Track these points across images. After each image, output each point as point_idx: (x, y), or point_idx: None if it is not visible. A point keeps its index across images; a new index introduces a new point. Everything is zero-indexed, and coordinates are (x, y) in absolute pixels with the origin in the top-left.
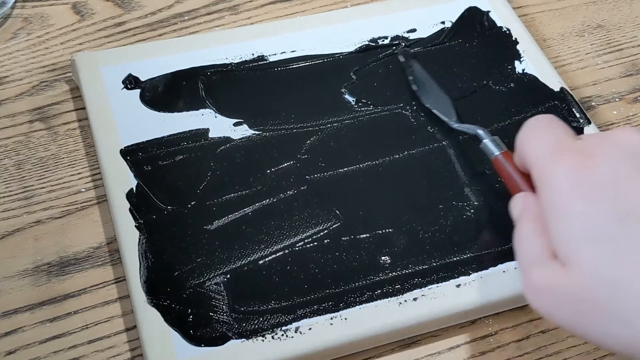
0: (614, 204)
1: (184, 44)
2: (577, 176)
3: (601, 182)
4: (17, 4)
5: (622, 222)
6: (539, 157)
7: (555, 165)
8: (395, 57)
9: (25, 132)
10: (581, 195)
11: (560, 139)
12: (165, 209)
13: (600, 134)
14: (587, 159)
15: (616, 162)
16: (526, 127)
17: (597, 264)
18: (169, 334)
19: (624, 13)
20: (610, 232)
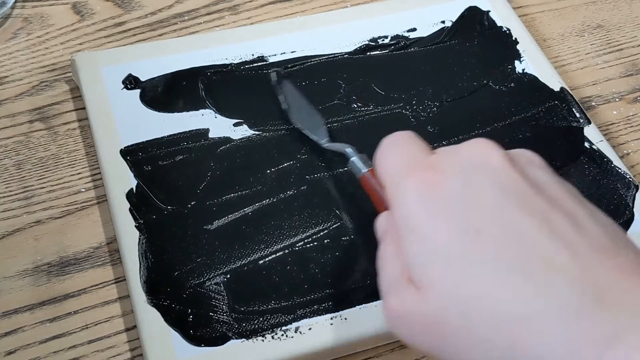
0: (464, 221)
1: (184, 44)
2: (427, 194)
3: (451, 199)
4: (17, 4)
5: (472, 240)
6: (392, 175)
7: (405, 183)
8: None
9: (25, 132)
10: (432, 214)
11: (413, 156)
12: (165, 209)
13: (452, 148)
14: (437, 175)
15: (466, 177)
16: (381, 146)
17: (449, 285)
18: (169, 334)
19: (624, 13)
20: (460, 251)
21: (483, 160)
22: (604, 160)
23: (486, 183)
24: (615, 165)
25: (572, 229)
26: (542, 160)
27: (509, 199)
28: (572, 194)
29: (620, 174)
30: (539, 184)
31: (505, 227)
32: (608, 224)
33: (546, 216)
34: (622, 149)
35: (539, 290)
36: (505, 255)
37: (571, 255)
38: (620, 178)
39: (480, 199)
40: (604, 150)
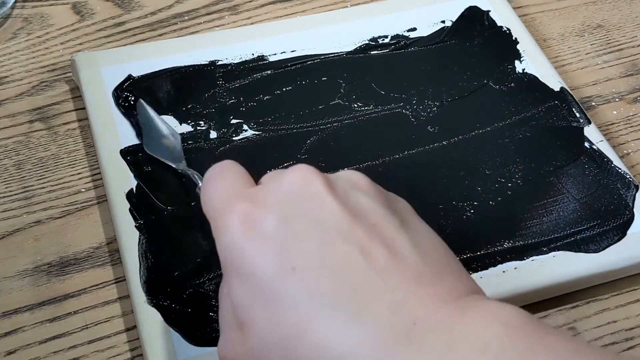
0: (281, 258)
1: (184, 44)
2: (246, 231)
3: (269, 236)
4: (17, 4)
5: (288, 278)
6: (213, 213)
7: (225, 220)
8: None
9: (25, 132)
10: (250, 253)
11: (232, 190)
12: (165, 209)
13: (275, 177)
14: (257, 209)
15: (284, 211)
16: (204, 181)
17: (269, 326)
18: (169, 334)
19: (624, 13)
20: (278, 290)
21: (302, 190)
22: (604, 160)
23: (303, 217)
24: (615, 165)
25: (388, 259)
26: (367, 182)
27: (325, 233)
28: (394, 219)
29: (620, 174)
30: (360, 210)
31: (320, 262)
32: (430, 248)
33: (362, 247)
34: (622, 149)
35: (350, 329)
36: (319, 292)
37: (384, 288)
38: (620, 178)
39: (297, 235)
40: (604, 150)
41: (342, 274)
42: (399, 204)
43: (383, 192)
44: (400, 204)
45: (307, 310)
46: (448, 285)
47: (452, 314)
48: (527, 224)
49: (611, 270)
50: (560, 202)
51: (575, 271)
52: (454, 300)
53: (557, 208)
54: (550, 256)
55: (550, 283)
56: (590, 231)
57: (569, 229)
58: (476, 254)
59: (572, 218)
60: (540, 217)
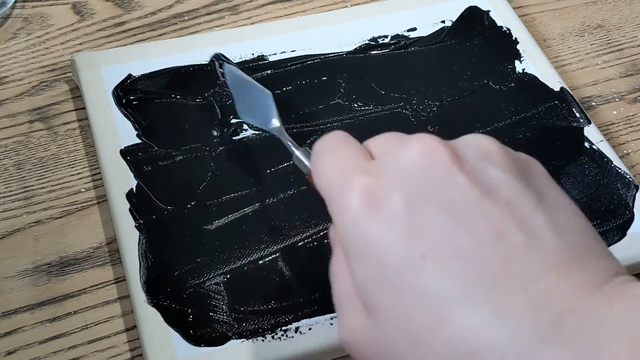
0: (409, 243)
1: (184, 44)
2: (368, 210)
3: (394, 217)
4: (17, 4)
5: (417, 266)
6: (330, 188)
7: (344, 197)
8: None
9: (25, 132)
10: (374, 234)
11: (349, 163)
12: (165, 209)
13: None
14: (378, 185)
15: (408, 191)
16: (314, 153)
17: (396, 315)
18: (169, 334)
19: (624, 13)
20: (405, 279)
21: (427, 166)
22: (604, 160)
23: (430, 199)
24: (615, 165)
25: (525, 245)
26: (499, 149)
27: (455, 216)
28: (530, 194)
29: (620, 174)
30: (491, 185)
31: (451, 249)
32: (570, 227)
33: (497, 230)
34: (622, 149)
35: (488, 323)
36: (451, 284)
37: (524, 278)
38: (620, 178)
39: (424, 217)
40: (604, 150)
41: (475, 262)
42: (534, 169)
43: (515, 157)
44: (536, 168)
45: (440, 302)
46: (592, 270)
47: (599, 305)
48: None
49: None
50: None
51: None
52: (600, 288)
53: None
54: None
55: None
56: None
57: None
58: None
59: None
60: None
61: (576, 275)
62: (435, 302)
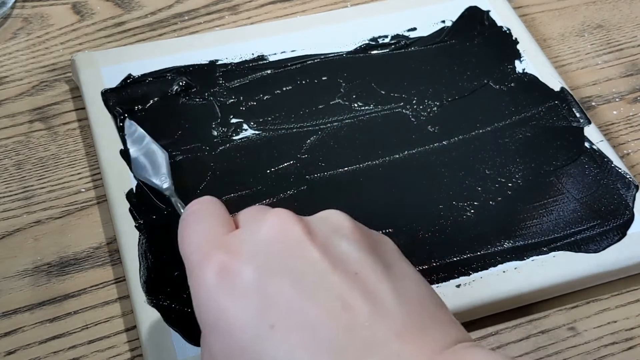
0: (259, 315)
1: (184, 44)
2: (221, 283)
3: (246, 290)
4: (17, 4)
5: (266, 337)
6: (189, 260)
7: (201, 270)
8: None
9: (25, 132)
10: (227, 307)
11: (210, 236)
12: (165, 209)
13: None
14: (233, 260)
15: (261, 264)
16: (181, 221)
17: None
18: (169, 334)
19: (624, 13)
20: (256, 349)
21: (281, 239)
22: (604, 160)
23: (281, 270)
24: (615, 165)
25: (370, 314)
26: (350, 224)
27: (304, 286)
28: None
29: (620, 174)
30: (340, 257)
31: (299, 318)
32: (415, 295)
33: (344, 300)
34: (622, 149)
35: None
36: (297, 353)
37: (370, 345)
38: (620, 178)
39: (275, 290)
40: (604, 150)
41: (321, 332)
42: (384, 246)
43: (366, 233)
44: (386, 245)
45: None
46: (433, 337)
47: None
48: (527, 224)
49: (611, 270)
50: (560, 202)
51: (575, 271)
52: (439, 353)
53: (557, 208)
54: (551, 256)
55: (550, 283)
56: (590, 231)
57: (569, 229)
58: (476, 254)
59: (572, 218)
60: (540, 217)
61: (417, 341)
62: None
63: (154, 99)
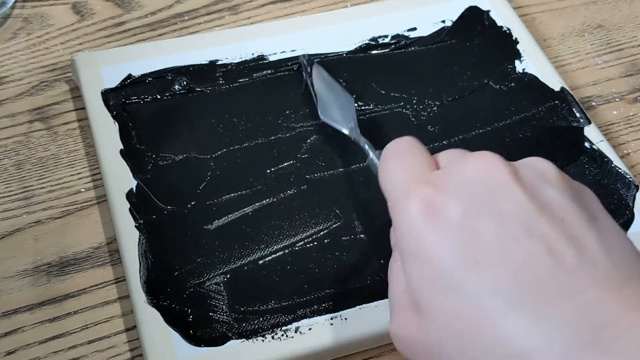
0: (464, 250)
1: (184, 44)
2: (427, 217)
3: (452, 225)
4: (17, 4)
5: (471, 271)
6: (393, 193)
7: (406, 202)
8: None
9: (25, 132)
10: (431, 239)
11: (414, 171)
12: (165, 209)
13: (457, 162)
14: (439, 195)
15: (468, 202)
16: (383, 157)
17: (447, 317)
18: (169, 334)
19: (624, 13)
20: (459, 282)
21: (488, 180)
22: (604, 160)
23: (487, 210)
24: (615, 165)
25: (575, 259)
26: (555, 171)
27: (510, 227)
28: (583, 214)
29: (620, 174)
30: (547, 203)
31: (504, 258)
32: (619, 248)
33: (549, 244)
34: (622, 149)
35: (535, 328)
36: (502, 289)
37: (571, 289)
38: (620, 178)
39: (481, 228)
40: (604, 150)
41: (527, 272)
42: (587, 196)
43: (570, 182)
44: (588, 195)
45: (489, 306)
46: (635, 289)
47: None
48: None
49: None
50: None
51: None
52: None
53: None
54: None
55: None
56: None
57: None
58: None
59: None
60: None
61: (621, 292)
62: (485, 305)
63: (154, 99)
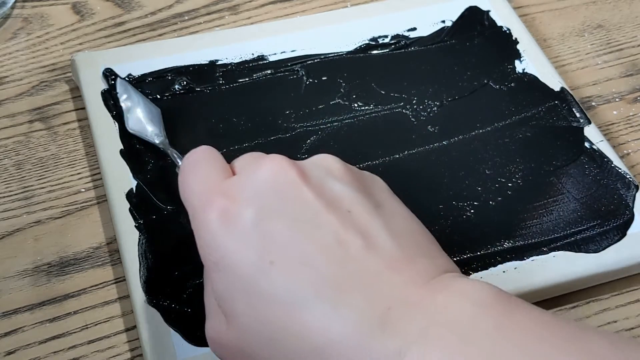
0: (259, 252)
1: (184, 44)
2: (223, 226)
3: (246, 230)
4: (17, 4)
5: (267, 272)
6: (191, 206)
7: (203, 214)
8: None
9: (25, 132)
10: (229, 247)
11: (209, 182)
12: (165, 209)
13: (250, 168)
14: (233, 204)
15: (259, 206)
16: (181, 169)
17: (251, 320)
18: (169, 334)
19: (624, 13)
20: (256, 284)
21: (276, 182)
22: (604, 160)
23: (278, 212)
24: (615, 165)
25: (363, 248)
26: (341, 167)
27: (299, 225)
28: (368, 204)
29: (620, 174)
30: (334, 197)
31: (297, 254)
32: (404, 231)
33: (337, 236)
34: (622, 149)
35: (330, 318)
36: (298, 285)
37: (361, 276)
38: (620, 178)
39: (274, 230)
40: (604, 150)
41: (318, 265)
42: (374, 185)
43: (357, 174)
44: (375, 184)
45: (288, 303)
46: (421, 267)
47: (424, 296)
48: (527, 224)
49: (611, 270)
50: (560, 202)
51: (575, 271)
52: (427, 282)
53: (557, 208)
54: (551, 256)
55: (550, 283)
56: (591, 231)
57: (569, 229)
58: (476, 254)
59: (572, 218)
60: (540, 217)
61: (405, 272)
62: (283, 304)
63: (154, 99)
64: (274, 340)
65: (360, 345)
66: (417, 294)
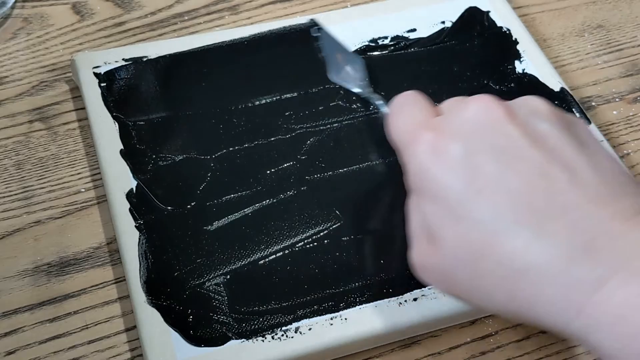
0: (467, 182)
1: (184, 44)
2: (433, 158)
3: (455, 162)
4: (17, 4)
5: (474, 200)
6: (401, 141)
7: (413, 147)
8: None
9: (25, 132)
10: (438, 177)
11: (418, 120)
12: (165, 209)
13: (456, 108)
14: (441, 138)
15: (467, 141)
16: (390, 110)
17: (457, 243)
18: (169, 334)
19: (624, 13)
20: (465, 211)
21: (484, 120)
22: None
23: (486, 144)
24: None
25: (568, 182)
26: (546, 107)
27: (505, 159)
28: (573, 141)
29: None
30: (539, 135)
31: (503, 185)
32: (609, 170)
33: (542, 170)
34: (622, 149)
35: (532, 245)
36: (503, 213)
37: (564, 207)
38: None
39: (480, 163)
40: None
41: (523, 196)
42: (578, 126)
43: (561, 115)
44: (580, 126)
45: (492, 228)
46: (625, 204)
47: (629, 230)
48: None
49: None
50: None
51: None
52: (631, 218)
53: None
54: None
55: None
56: None
57: None
58: None
59: None
60: None
61: (610, 207)
62: (488, 229)
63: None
64: (477, 264)
65: (562, 269)
66: (622, 227)
